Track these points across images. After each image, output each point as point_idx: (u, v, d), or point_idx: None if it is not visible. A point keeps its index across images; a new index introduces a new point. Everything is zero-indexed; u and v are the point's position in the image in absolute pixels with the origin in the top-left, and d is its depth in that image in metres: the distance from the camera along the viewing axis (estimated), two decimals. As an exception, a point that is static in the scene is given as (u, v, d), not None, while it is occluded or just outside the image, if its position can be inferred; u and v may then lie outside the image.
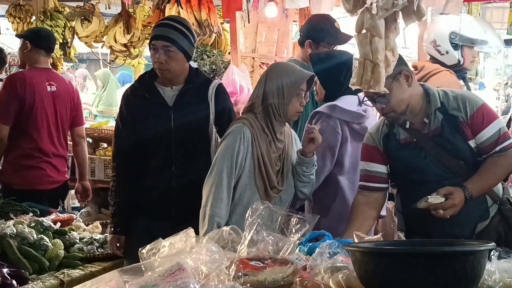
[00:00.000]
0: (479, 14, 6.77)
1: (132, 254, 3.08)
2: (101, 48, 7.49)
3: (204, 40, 5.80)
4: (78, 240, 4.05)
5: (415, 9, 2.82)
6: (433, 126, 3.25)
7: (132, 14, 6.76)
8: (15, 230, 3.75)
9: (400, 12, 2.88)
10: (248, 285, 2.33)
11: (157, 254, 2.48)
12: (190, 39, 3.80)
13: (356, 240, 2.64)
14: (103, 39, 7.02)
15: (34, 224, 3.96)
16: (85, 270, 3.67)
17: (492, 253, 2.38)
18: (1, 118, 4.96)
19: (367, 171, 3.40)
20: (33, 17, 7.06)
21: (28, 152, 5.04)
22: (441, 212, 3.08)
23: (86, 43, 7.21)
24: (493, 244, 2.27)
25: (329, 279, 2.35)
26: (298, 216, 2.74)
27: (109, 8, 6.93)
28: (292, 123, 3.91)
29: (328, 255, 2.47)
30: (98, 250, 3.95)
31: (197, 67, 4.16)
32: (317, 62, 3.98)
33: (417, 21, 2.90)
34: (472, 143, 3.23)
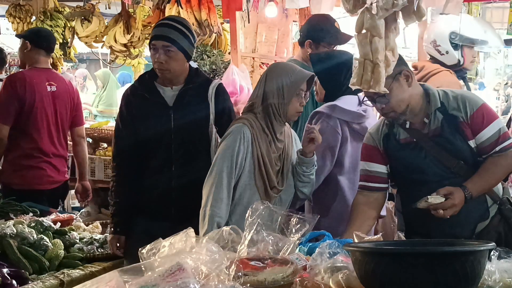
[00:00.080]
0: (479, 14, 6.77)
1: (132, 254, 3.08)
2: (101, 48, 7.49)
3: (204, 40, 5.80)
4: (78, 240, 4.05)
5: (415, 9, 2.82)
6: (433, 126, 3.24)
7: (132, 14, 6.76)
8: (15, 230, 3.75)
9: (400, 12, 2.87)
10: (248, 285, 2.33)
11: (157, 254, 2.48)
12: (190, 39, 3.80)
13: (356, 240, 2.64)
14: (103, 39, 7.01)
15: (34, 224, 3.96)
16: (85, 270, 3.67)
17: (492, 253, 2.38)
18: (1, 118, 4.96)
19: (367, 171, 3.40)
20: (33, 17, 7.06)
21: (28, 152, 5.04)
22: (441, 212, 3.08)
23: (86, 43, 7.20)
24: (493, 244, 2.27)
25: (329, 279, 2.35)
26: (298, 216, 2.74)
27: (109, 8, 6.92)
28: (292, 123, 3.90)
29: (328, 255, 2.47)
30: (98, 250, 3.95)
31: (197, 67, 4.16)
32: (317, 62, 3.98)
33: (417, 21, 2.90)
34: (472, 143, 3.23)
